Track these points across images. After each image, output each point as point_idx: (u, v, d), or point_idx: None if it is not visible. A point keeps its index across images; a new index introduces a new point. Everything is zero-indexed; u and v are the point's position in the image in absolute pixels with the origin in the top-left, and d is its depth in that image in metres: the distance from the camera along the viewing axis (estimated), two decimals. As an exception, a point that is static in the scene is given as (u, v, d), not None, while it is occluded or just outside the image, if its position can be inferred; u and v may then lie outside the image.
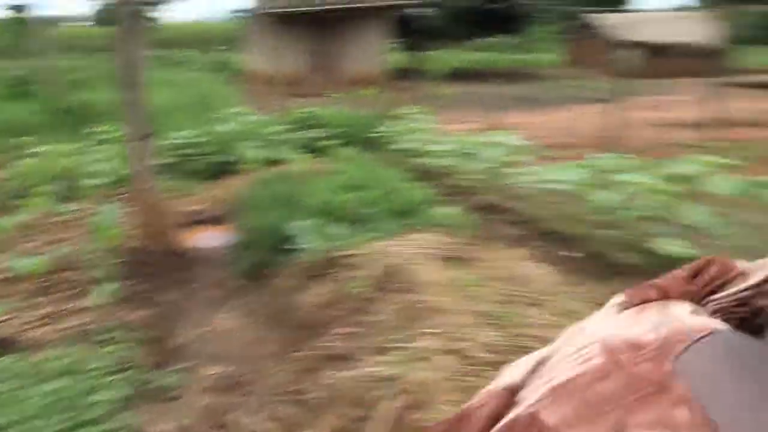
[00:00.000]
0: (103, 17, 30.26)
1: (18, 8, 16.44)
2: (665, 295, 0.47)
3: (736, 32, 23.16)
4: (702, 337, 0.40)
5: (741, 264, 0.48)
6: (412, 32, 25.75)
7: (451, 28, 25.26)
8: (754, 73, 22.52)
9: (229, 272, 4.55)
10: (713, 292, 0.46)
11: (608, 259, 4.16)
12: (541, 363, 0.50)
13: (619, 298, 0.52)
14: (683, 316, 0.43)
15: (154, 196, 5.04)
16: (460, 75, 22.77)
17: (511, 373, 0.52)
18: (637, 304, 0.48)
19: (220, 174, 7.54)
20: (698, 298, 0.47)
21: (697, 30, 23.95)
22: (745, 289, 0.43)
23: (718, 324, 0.41)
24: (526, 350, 1.39)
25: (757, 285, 0.43)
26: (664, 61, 23.52)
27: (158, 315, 3.80)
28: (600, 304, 1.02)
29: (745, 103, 14.49)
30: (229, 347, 3.53)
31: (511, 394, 0.49)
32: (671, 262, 3.28)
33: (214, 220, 5.97)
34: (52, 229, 5.13)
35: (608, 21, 26.42)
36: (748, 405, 0.36)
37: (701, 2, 29.41)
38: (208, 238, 5.50)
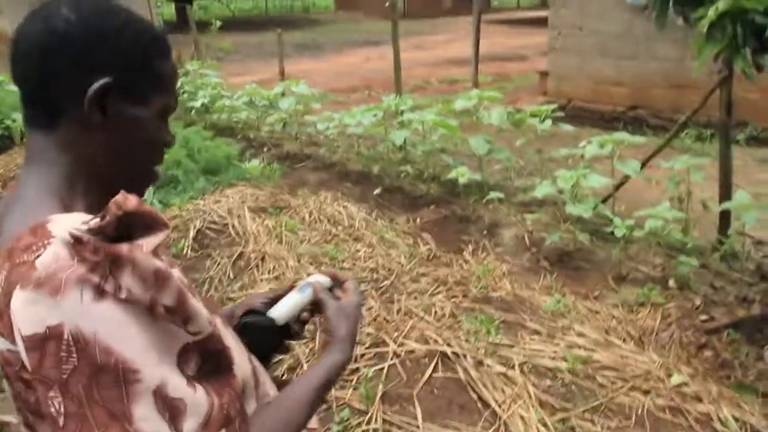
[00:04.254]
0: None
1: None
2: None
3: None
4: None
5: None
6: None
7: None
8: (504, 11, 31.00)
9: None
10: None
11: (408, 192, 5.11)
12: None
13: None
14: None
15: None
16: (233, 24, 22.87)
17: None
18: None
19: None
20: None
21: None
22: None
23: None
24: (360, 280, 2.09)
25: None
26: (426, 2, 28.03)
27: None
28: (408, 233, 3.55)
29: (501, 39, 18.39)
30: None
31: None
32: (462, 189, 4.81)
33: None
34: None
35: None
36: None
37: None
38: None
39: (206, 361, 0.77)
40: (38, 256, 0.67)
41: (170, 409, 0.69)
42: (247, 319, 1.03)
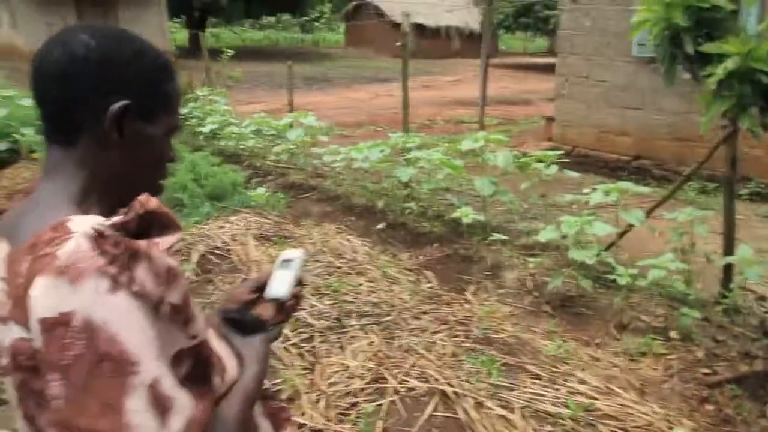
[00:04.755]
0: None
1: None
2: None
3: (497, 19, 26.55)
4: None
5: None
6: (192, 9, 27.20)
7: (233, 6, 27.27)
8: (512, 56, 31.40)
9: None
10: None
11: (411, 229, 5.11)
12: None
13: None
14: None
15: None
16: (245, 54, 23.18)
17: None
18: None
19: (3, 164, 7.58)
20: None
21: (465, 15, 30.06)
22: None
23: None
24: (359, 315, 3.15)
25: None
26: (434, 42, 28.86)
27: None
28: (410, 269, 3.46)
29: (508, 83, 19.16)
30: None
31: None
32: (466, 228, 4.86)
33: (9, 216, 6.11)
34: None
35: (384, 4, 29.64)
36: None
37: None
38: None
39: (195, 368, 0.82)
40: (60, 248, 0.72)
41: (161, 405, 0.73)
42: (245, 317, 1.04)
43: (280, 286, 1.07)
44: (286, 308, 1.09)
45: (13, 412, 0.86)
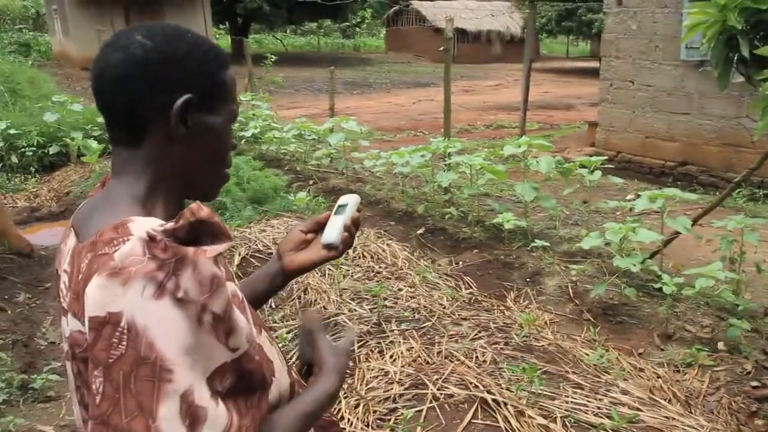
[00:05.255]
0: None
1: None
2: None
3: (539, 23, 26.55)
4: None
5: None
6: (235, 16, 28.08)
7: (275, 13, 27.49)
8: (554, 60, 31.70)
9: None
10: None
11: (451, 234, 5.06)
12: None
13: None
14: None
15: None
16: (287, 60, 23.21)
17: None
18: None
19: (53, 167, 7.83)
20: None
21: (506, 19, 30.49)
22: None
23: None
24: (399, 320, 2.92)
25: None
26: (475, 47, 29.85)
27: (13, 318, 3.86)
28: (450, 275, 3.50)
29: (549, 87, 19.19)
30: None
31: None
32: (506, 234, 4.87)
33: (54, 217, 6.10)
34: None
35: (426, 9, 30.33)
36: None
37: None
38: (52, 236, 5.40)
39: (239, 380, 0.82)
40: (117, 250, 0.74)
41: (192, 415, 0.73)
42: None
43: (332, 231, 1.13)
44: (338, 250, 1.14)
45: (71, 396, 0.90)
